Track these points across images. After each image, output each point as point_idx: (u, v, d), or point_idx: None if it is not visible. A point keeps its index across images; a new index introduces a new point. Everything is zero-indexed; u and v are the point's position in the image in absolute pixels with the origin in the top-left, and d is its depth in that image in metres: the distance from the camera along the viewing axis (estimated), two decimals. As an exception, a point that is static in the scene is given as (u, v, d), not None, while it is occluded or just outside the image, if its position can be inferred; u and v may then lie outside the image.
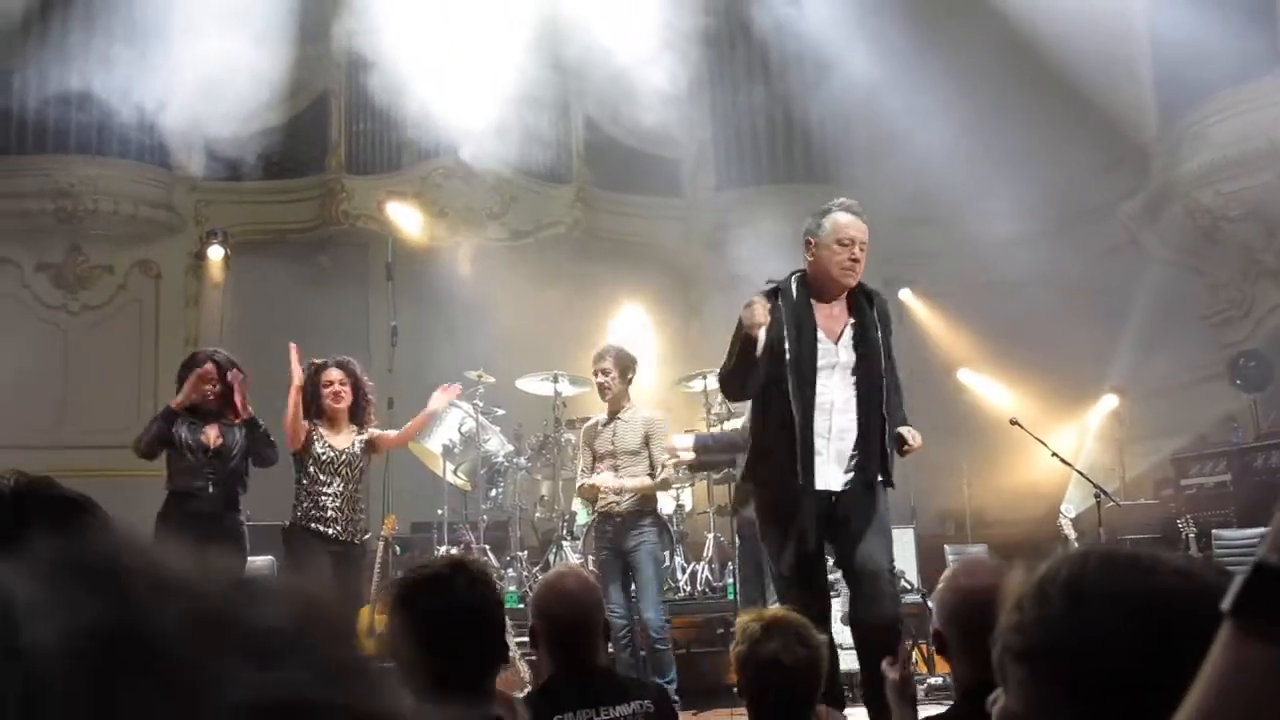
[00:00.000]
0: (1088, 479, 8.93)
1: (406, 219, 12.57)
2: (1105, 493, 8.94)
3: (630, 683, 3.52)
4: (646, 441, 7.43)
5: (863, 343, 5.15)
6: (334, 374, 7.01)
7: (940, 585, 2.91)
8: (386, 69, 12.31)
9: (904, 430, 5.25)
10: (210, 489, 6.74)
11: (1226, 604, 0.92)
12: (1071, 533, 9.11)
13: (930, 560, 10.32)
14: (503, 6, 12.40)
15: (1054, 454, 8.59)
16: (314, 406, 7.01)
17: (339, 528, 6.88)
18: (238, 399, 6.83)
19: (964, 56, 12.43)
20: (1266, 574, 0.91)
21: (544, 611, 3.34)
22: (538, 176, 13.89)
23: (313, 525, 6.85)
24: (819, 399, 5.10)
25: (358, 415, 7.10)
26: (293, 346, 7.02)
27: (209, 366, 6.93)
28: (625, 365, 7.44)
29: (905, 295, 12.88)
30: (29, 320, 12.98)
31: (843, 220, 5.30)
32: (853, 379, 5.11)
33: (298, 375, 6.92)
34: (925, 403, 12.72)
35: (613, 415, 7.54)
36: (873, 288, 5.40)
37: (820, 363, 5.13)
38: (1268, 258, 11.82)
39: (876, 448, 5.00)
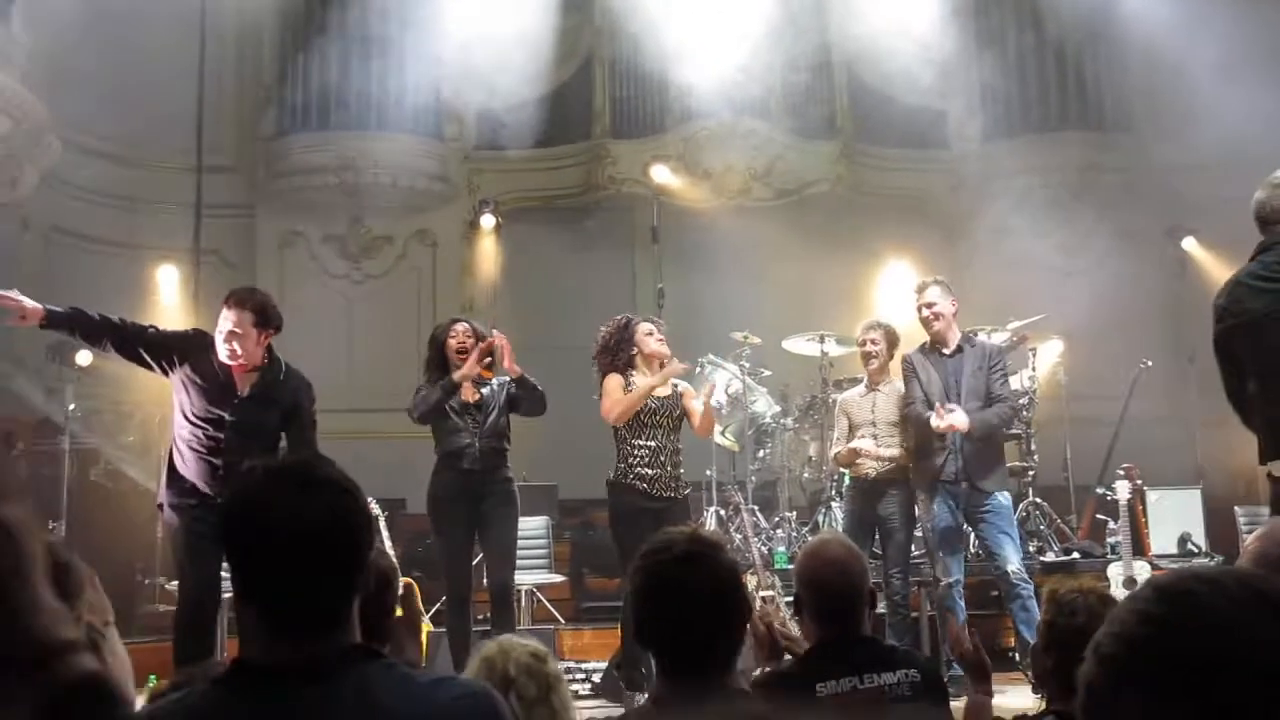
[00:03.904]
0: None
1: (671, 181, 12.65)
2: None
3: (896, 652, 3.44)
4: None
5: None
6: (645, 326, 6.97)
7: (1255, 546, 2.71)
8: (647, 33, 12.41)
9: None
10: (476, 445, 6.84)
11: None
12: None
13: (1219, 522, 9.83)
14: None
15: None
16: (623, 357, 6.91)
17: (658, 484, 6.80)
18: (506, 360, 6.93)
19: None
20: None
21: (808, 579, 3.29)
22: (800, 134, 13.76)
23: (634, 481, 6.78)
24: None
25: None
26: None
27: (465, 327, 7.05)
28: (893, 340, 7.62)
29: (1189, 244, 12.25)
30: (318, 290, 13.66)
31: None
32: None
33: (670, 369, 6.83)
34: (1211, 356, 12.13)
35: (872, 387, 7.67)
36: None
37: None
38: None
39: None
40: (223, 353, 5.77)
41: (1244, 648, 1.10)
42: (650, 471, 6.81)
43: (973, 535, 7.70)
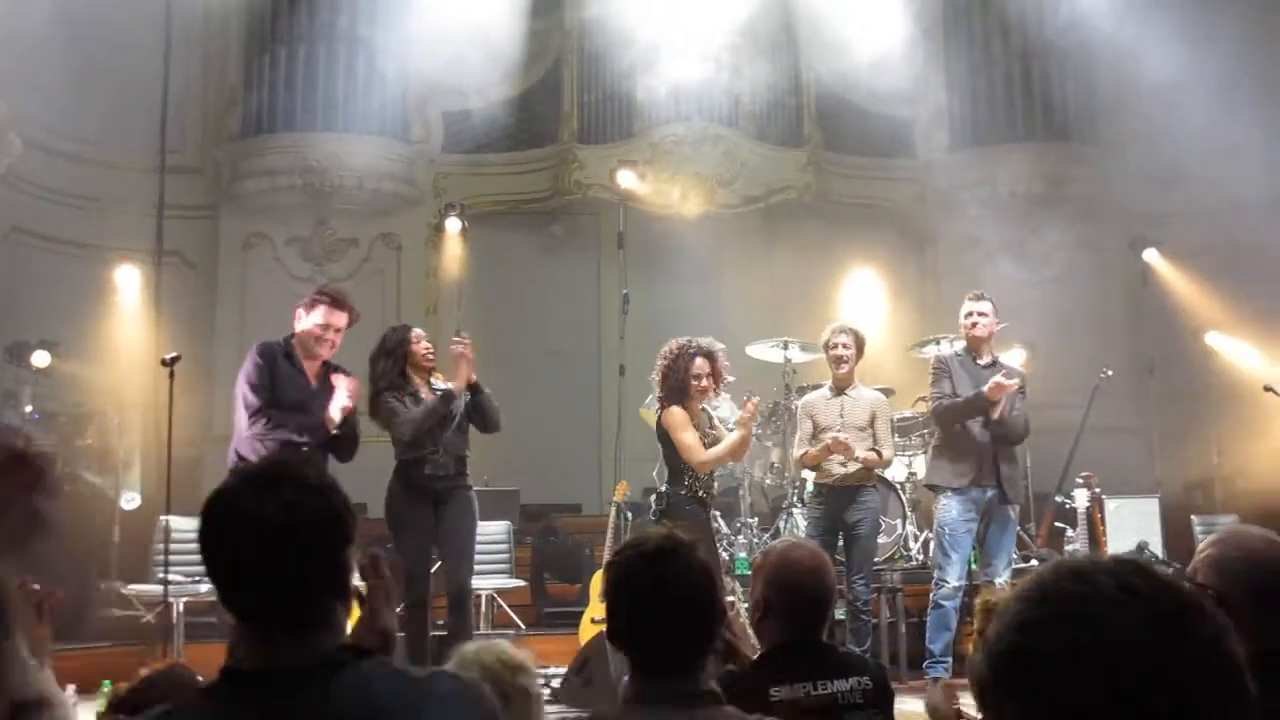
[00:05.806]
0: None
1: (637, 187, 12.64)
2: (1371, 463, 8.43)
3: (851, 659, 3.45)
4: (873, 420, 7.59)
5: None
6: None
7: (1211, 551, 2.67)
8: (615, 39, 12.41)
9: None
10: (440, 454, 6.80)
11: None
12: (1334, 505, 8.61)
13: (1176, 531, 9.91)
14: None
15: (1314, 422, 8.13)
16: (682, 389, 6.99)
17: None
18: (465, 367, 6.86)
19: (1215, 3, 11.80)
20: None
21: (780, 582, 3.28)
22: (768, 141, 13.77)
23: (704, 495, 6.87)
24: None
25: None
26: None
27: (421, 332, 7.08)
28: (861, 343, 7.69)
29: (1151, 256, 12.33)
30: (280, 293, 13.52)
31: None
32: None
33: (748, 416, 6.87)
34: (1171, 367, 12.24)
35: (839, 390, 7.69)
36: None
37: None
38: None
39: None
40: (325, 348, 6.46)
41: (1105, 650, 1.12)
42: (713, 486, 7.01)
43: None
